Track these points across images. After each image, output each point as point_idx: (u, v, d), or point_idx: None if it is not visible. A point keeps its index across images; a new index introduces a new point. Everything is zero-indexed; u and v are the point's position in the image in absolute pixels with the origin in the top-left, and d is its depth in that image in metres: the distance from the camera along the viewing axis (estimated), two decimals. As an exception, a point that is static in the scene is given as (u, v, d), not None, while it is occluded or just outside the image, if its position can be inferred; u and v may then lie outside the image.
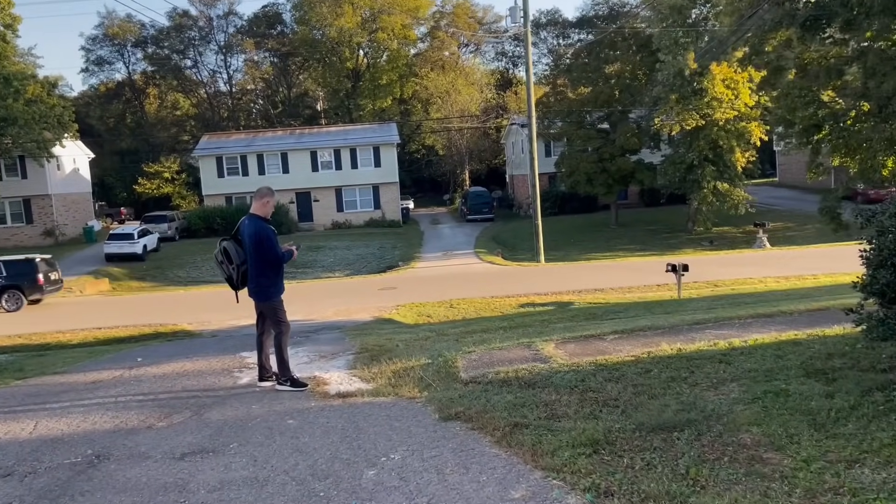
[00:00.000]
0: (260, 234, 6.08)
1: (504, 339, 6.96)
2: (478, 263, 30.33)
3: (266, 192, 6.35)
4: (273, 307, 6.26)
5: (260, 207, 6.24)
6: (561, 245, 35.08)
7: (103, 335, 19.72)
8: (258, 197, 6.33)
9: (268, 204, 6.26)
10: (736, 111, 33.28)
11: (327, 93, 70.90)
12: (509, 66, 75.19)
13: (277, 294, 6.33)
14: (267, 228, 6.12)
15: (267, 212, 6.26)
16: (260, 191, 6.39)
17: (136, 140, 70.06)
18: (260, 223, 6.16)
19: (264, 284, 6.22)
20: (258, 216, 6.23)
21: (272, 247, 6.09)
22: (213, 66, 75.34)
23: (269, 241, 6.07)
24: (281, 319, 6.28)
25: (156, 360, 8.10)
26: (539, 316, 8.82)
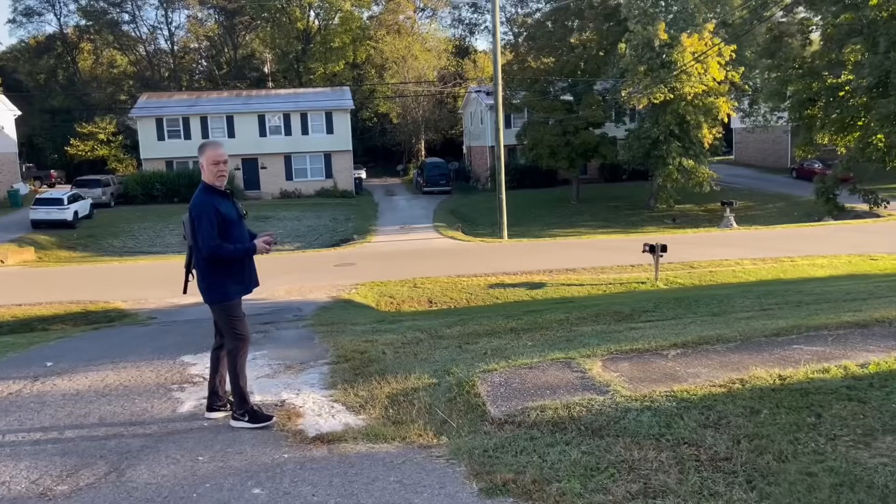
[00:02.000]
0: (194, 213, 4.45)
1: (524, 347, 5.49)
2: (438, 238, 28.80)
3: (208, 147, 4.66)
4: (222, 312, 4.57)
5: (205, 170, 4.58)
6: (521, 220, 33.83)
7: (23, 313, 17.51)
8: (199, 155, 4.66)
9: (213, 165, 4.52)
10: (705, 86, 32.32)
11: (276, 55, 67.65)
12: (466, 35, 73.10)
13: (228, 294, 4.55)
14: (206, 204, 4.42)
15: (214, 176, 4.53)
16: (200, 147, 4.73)
17: (68, 98, 65.64)
18: (201, 196, 4.52)
19: (208, 279, 4.55)
20: (205, 184, 4.59)
21: (207, 234, 4.34)
22: (154, 21, 71.07)
23: (203, 224, 4.36)
24: (236, 331, 4.57)
25: (71, 365, 6.34)
26: (548, 310, 7.37)
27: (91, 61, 70.92)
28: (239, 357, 4.55)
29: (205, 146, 4.70)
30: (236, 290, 4.58)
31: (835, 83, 19.29)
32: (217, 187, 4.55)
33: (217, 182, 4.55)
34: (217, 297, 4.52)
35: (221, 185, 4.60)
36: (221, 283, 4.49)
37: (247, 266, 4.66)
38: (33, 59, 68.52)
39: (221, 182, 4.59)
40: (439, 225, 32.42)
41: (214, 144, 4.70)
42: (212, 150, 4.62)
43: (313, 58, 63.44)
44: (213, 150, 4.63)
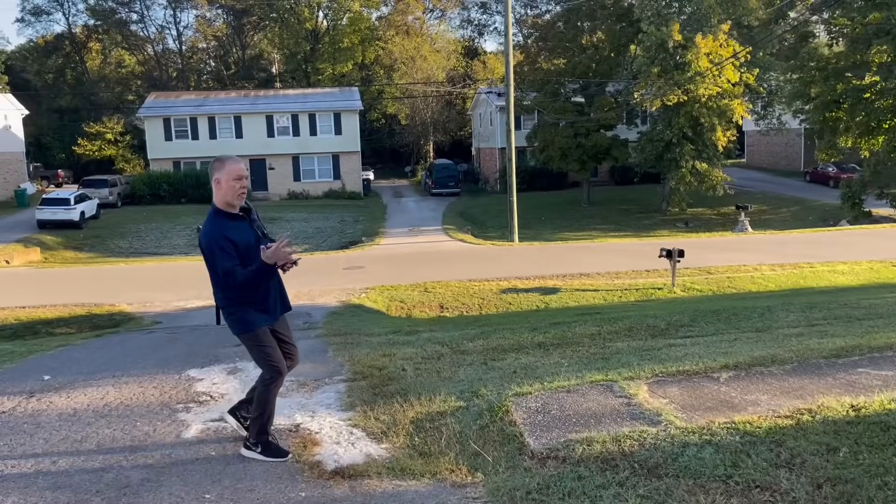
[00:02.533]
0: (206, 248, 4.00)
1: (557, 366, 5.06)
2: (448, 241, 28.39)
3: (228, 161, 4.07)
4: (250, 342, 4.11)
5: (222, 188, 4.01)
6: (531, 223, 33.37)
7: (27, 316, 17.20)
8: (214, 171, 4.08)
9: (235, 181, 3.97)
10: (719, 87, 31.82)
11: (284, 55, 67.36)
12: (475, 36, 72.68)
13: (252, 323, 4.07)
14: (216, 237, 3.90)
15: (234, 195, 3.98)
16: (217, 162, 4.12)
17: (76, 98, 65.54)
18: (209, 226, 4.00)
19: (226, 309, 4.11)
20: (216, 209, 4.05)
21: (220, 265, 3.89)
22: (162, 21, 70.93)
23: (217, 257, 3.89)
24: (270, 361, 4.09)
25: (70, 379, 5.95)
26: (576, 323, 6.93)
27: (99, 61, 70.83)
28: (272, 388, 4.12)
29: (224, 160, 4.09)
30: (261, 319, 4.10)
31: (860, 85, 18.78)
32: (232, 209, 4.01)
33: (237, 200, 4.02)
34: (240, 327, 4.07)
35: (241, 202, 4.06)
36: (244, 313, 4.04)
37: (271, 290, 4.17)
38: (41, 59, 68.46)
39: (241, 200, 4.05)
40: (449, 227, 32.02)
41: (234, 159, 4.12)
42: (233, 163, 4.04)
43: (322, 58, 63.15)
44: (235, 163, 4.05)
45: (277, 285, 4.27)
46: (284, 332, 4.35)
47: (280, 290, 4.31)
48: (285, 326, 4.37)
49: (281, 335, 4.28)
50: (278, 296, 4.28)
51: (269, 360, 4.09)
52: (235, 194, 4.02)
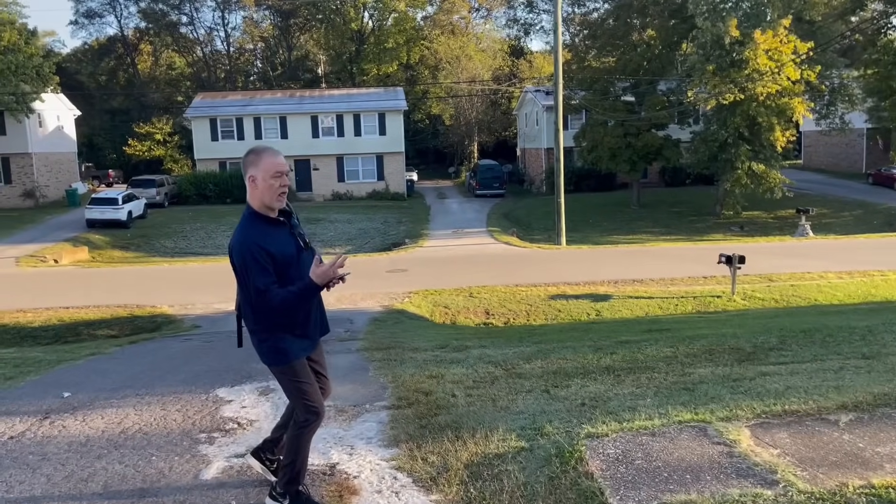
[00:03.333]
0: (237, 260, 3.31)
1: (632, 397, 4.35)
2: (492, 244, 27.69)
3: (265, 154, 3.39)
4: (283, 376, 3.46)
5: (258, 186, 3.35)
6: (579, 226, 32.44)
7: (70, 317, 17.10)
8: (248, 165, 3.42)
9: (273, 178, 3.33)
10: (779, 85, 30.40)
11: (330, 56, 67.51)
12: (521, 35, 71.67)
13: (288, 353, 3.40)
14: (250, 246, 3.24)
15: (273, 195, 3.34)
16: (252, 154, 3.45)
17: (127, 99, 66.72)
18: (244, 233, 3.33)
19: (258, 334, 3.41)
20: (252, 211, 3.40)
21: (255, 281, 3.21)
22: (210, 23, 71.82)
23: (252, 272, 3.23)
24: (307, 399, 3.42)
25: (90, 397, 5.46)
26: (646, 342, 6.16)
27: (150, 63, 72.04)
28: (308, 432, 3.46)
29: (260, 153, 3.38)
30: (299, 348, 3.43)
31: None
32: (270, 212, 3.36)
33: (277, 202, 3.36)
34: (274, 358, 3.41)
35: (281, 204, 3.39)
36: (278, 340, 3.36)
37: (312, 312, 3.47)
38: (95, 61, 69.96)
39: (282, 201, 3.39)
40: (493, 229, 31.31)
41: (272, 151, 3.41)
42: (271, 157, 3.35)
43: (367, 59, 63.04)
44: (273, 156, 3.36)
45: (319, 306, 3.59)
46: (320, 361, 3.72)
47: (321, 311, 3.64)
48: (320, 354, 3.74)
49: (316, 366, 3.65)
50: (319, 318, 3.60)
51: (306, 400, 3.44)
52: (274, 195, 3.34)
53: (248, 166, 3.40)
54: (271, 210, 3.40)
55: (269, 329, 3.37)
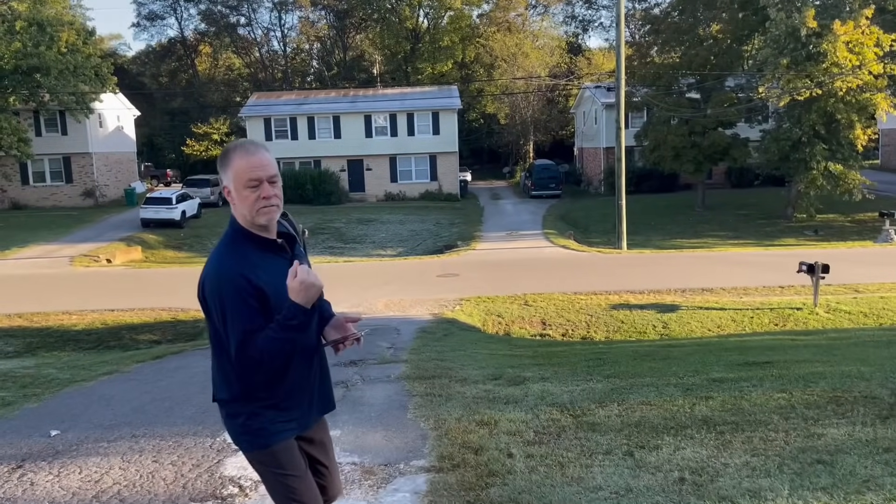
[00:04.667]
0: (211, 289, 2.37)
1: (749, 473, 3.26)
2: (548, 247, 26.49)
3: (235, 153, 2.44)
4: (262, 466, 2.46)
5: (233, 197, 2.43)
6: (640, 229, 30.91)
7: (114, 320, 16.71)
8: (222, 168, 2.50)
9: (246, 187, 2.37)
10: (860, 80, 28.26)
11: (384, 56, 67.15)
12: (579, 31, 70.02)
13: (265, 436, 2.42)
14: (230, 280, 2.31)
15: (252, 209, 2.38)
16: (225, 156, 2.49)
17: (186, 100, 67.76)
18: (225, 255, 2.40)
19: (229, 407, 2.46)
20: (236, 228, 2.45)
21: (234, 326, 2.28)
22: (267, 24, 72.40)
23: (227, 310, 2.29)
24: (292, 498, 2.42)
25: (79, 437, 4.65)
26: (747, 382, 4.97)
27: (208, 64, 73.02)
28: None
29: (228, 153, 2.46)
30: (284, 424, 2.44)
31: None
32: (262, 231, 2.41)
33: (260, 218, 2.38)
34: (248, 441, 2.41)
35: (270, 221, 2.42)
36: (254, 416, 2.38)
37: (310, 378, 2.50)
38: (156, 63, 71.30)
39: (266, 218, 2.39)
40: (549, 232, 30.08)
41: (245, 148, 2.44)
42: (242, 157, 2.39)
43: (421, 58, 62.44)
44: (246, 157, 2.39)
45: (319, 370, 2.56)
46: (323, 443, 2.66)
47: (322, 379, 2.60)
48: (324, 433, 2.68)
49: (317, 452, 2.63)
50: (318, 387, 2.56)
51: (292, 499, 2.45)
52: (253, 209, 2.36)
53: (222, 173, 2.49)
54: (264, 229, 2.43)
55: (243, 398, 2.39)
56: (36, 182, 40.21)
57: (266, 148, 2.50)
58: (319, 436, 2.63)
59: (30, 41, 30.22)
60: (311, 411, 2.55)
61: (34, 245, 27.90)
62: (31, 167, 39.24)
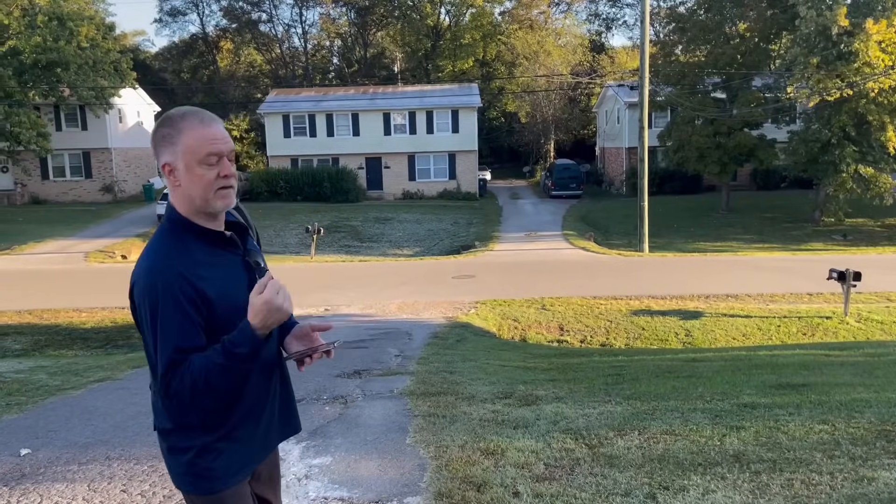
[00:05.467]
0: (143, 290, 1.89)
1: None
2: (568, 249, 25.95)
3: (185, 121, 1.95)
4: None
5: (182, 174, 1.93)
6: (662, 231, 30.25)
7: (123, 318, 16.44)
8: (159, 143, 1.98)
9: (179, 172, 1.93)
10: (893, 81, 27.39)
11: (405, 53, 66.80)
12: (602, 30, 69.15)
13: (209, 478, 1.95)
14: (167, 273, 1.85)
15: (207, 189, 1.92)
16: (166, 122, 1.98)
17: (207, 96, 67.93)
18: (164, 249, 1.93)
19: (170, 438, 1.99)
20: (175, 215, 1.97)
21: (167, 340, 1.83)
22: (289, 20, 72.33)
23: (161, 318, 1.83)
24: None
25: (51, 458, 4.27)
26: (783, 410, 4.46)
27: (229, 60, 73.15)
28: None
29: (177, 121, 1.96)
30: (235, 464, 2.01)
31: None
32: (208, 220, 1.98)
33: (216, 202, 1.95)
34: (189, 483, 1.97)
35: (224, 206, 1.98)
36: (202, 453, 1.94)
37: (267, 405, 2.08)
38: (178, 59, 71.53)
39: (225, 202, 1.97)
40: (569, 233, 29.52)
41: (198, 117, 1.98)
42: (198, 127, 1.94)
43: (442, 55, 62.02)
44: (203, 126, 1.95)
45: (280, 390, 2.13)
46: (269, 479, 2.21)
47: (284, 401, 2.16)
48: (273, 465, 2.24)
49: (262, 489, 2.17)
50: (278, 411, 2.13)
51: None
52: (209, 192, 1.93)
53: (162, 146, 1.97)
54: (211, 217, 1.99)
55: (185, 428, 1.95)
56: (56, 177, 40.35)
57: (216, 119, 2.04)
58: (269, 470, 2.19)
59: (50, 35, 30.24)
60: (270, 441, 2.11)
61: (51, 240, 27.87)
62: (51, 162, 39.37)
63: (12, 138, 31.13)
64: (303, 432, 4.62)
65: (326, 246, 28.54)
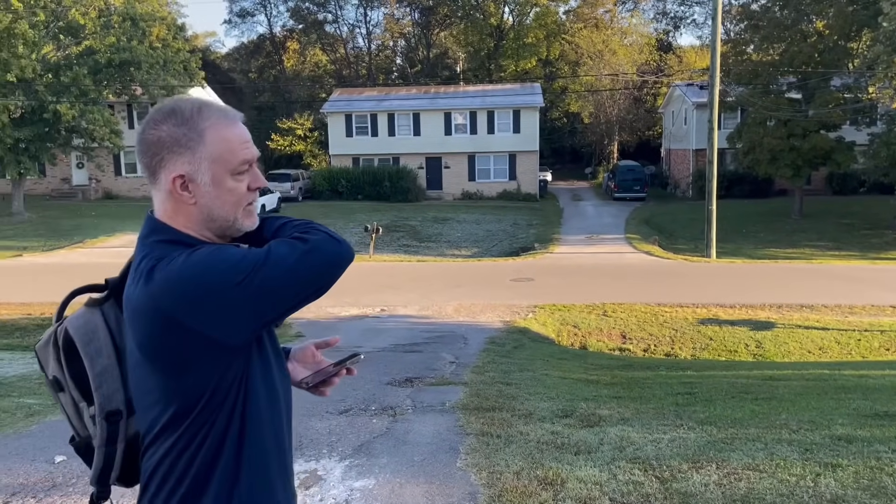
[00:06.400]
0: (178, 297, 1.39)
1: None
2: (631, 253, 25.18)
3: (179, 132, 1.50)
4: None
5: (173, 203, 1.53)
6: (730, 236, 29.07)
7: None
8: (176, 141, 1.50)
9: (200, 184, 1.50)
10: None
11: (468, 53, 66.54)
12: (670, 28, 67.33)
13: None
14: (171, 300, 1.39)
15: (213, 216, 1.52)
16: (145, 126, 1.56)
17: (273, 95, 69.15)
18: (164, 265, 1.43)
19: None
20: (176, 236, 1.52)
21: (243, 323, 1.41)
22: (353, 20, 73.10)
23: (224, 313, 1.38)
24: None
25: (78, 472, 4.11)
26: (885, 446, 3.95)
27: (295, 60, 74.31)
28: None
29: (198, 116, 1.52)
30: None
31: None
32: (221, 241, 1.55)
33: (245, 221, 1.56)
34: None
35: (252, 228, 1.58)
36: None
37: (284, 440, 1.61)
38: (247, 59, 73.09)
39: (251, 221, 1.58)
40: (632, 237, 28.67)
41: (227, 113, 1.60)
42: (226, 125, 1.54)
43: (505, 55, 61.54)
44: (231, 126, 1.56)
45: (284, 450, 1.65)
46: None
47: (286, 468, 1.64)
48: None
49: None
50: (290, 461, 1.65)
51: None
52: (239, 207, 1.55)
53: (172, 152, 1.51)
54: (225, 239, 1.57)
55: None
56: (128, 173, 41.63)
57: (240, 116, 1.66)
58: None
59: (123, 35, 31.12)
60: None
61: (121, 234, 28.64)
62: (124, 158, 40.62)
63: (87, 135, 32.19)
64: (347, 448, 4.35)
65: (385, 245, 28.47)
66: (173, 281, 1.39)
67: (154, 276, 1.42)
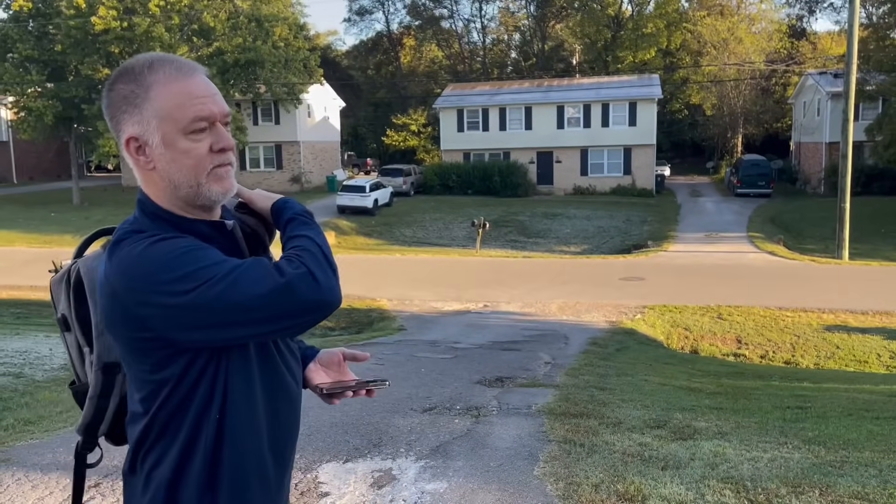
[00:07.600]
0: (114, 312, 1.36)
1: None
2: (753, 253, 23.81)
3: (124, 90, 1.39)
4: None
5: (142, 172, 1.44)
6: (866, 236, 26.86)
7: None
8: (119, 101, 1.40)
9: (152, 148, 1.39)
10: None
11: (584, 45, 65.17)
12: (804, 14, 63.07)
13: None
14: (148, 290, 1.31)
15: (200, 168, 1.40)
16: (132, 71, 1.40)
17: (389, 91, 70.70)
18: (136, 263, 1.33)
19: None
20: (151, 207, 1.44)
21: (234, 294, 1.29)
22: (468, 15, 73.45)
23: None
24: None
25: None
26: None
27: (411, 56, 75.61)
28: None
29: (145, 72, 1.39)
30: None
31: None
32: (201, 212, 1.47)
33: (213, 187, 1.43)
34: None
35: (224, 192, 1.47)
36: None
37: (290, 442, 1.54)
38: (365, 56, 75.17)
39: (223, 186, 1.46)
40: (755, 236, 27.10)
41: (178, 65, 1.42)
42: (176, 79, 1.39)
43: (622, 46, 59.79)
44: (182, 78, 1.40)
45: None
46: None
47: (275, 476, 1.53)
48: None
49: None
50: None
51: None
52: (202, 169, 1.42)
53: (122, 112, 1.41)
54: (204, 209, 1.48)
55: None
56: (251, 168, 43.83)
57: (198, 68, 1.47)
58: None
59: (249, 36, 32.76)
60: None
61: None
62: (248, 154, 42.80)
63: (215, 132, 34.15)
64: (424, 448, 4.31)
65: (492, 240, 28.42)
66: (125, 267, 1.34)
67: (113, 257, 1.37)
